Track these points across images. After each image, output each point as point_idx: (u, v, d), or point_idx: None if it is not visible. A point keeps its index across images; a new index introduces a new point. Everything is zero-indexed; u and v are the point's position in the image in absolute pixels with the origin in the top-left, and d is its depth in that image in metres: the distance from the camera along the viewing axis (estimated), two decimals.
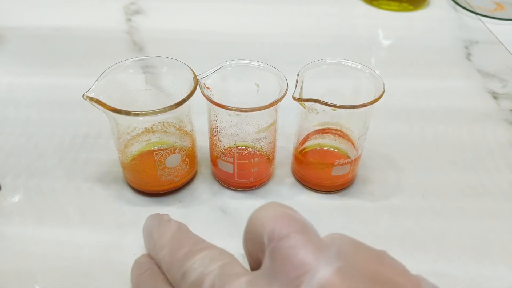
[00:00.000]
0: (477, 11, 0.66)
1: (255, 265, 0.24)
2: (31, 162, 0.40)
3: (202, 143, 0.39)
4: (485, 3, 0.69)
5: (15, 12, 0.62)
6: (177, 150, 0.35)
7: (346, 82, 0.37)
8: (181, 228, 0.27)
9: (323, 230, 0.35)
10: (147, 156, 0.36)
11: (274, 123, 0.35)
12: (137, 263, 0.28)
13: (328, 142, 0.38)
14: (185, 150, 0.36)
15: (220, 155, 0.36)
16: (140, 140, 0.36)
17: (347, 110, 0.33)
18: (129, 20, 0.61)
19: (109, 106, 0.31)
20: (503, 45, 0.59)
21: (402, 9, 0.66)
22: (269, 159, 0.37)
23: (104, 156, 0.40)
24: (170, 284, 0.25)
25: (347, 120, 0.36)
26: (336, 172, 0.36)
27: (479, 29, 0.62)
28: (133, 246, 0.33)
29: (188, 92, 0.32)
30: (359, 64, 0.35)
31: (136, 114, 0.31)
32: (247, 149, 0.36)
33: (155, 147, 0.36)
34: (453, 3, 0.68)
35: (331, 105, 0.32)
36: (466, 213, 0.36)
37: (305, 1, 0.67)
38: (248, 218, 0.23)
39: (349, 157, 0.36)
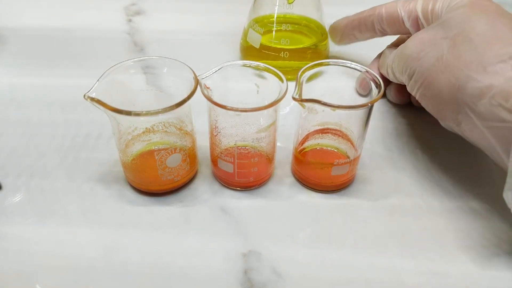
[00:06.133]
0: None
1: None
2: (32, 162, 0.40)
3: (203, 143, 0.39)
4: None
5: (15, 12, 0.63)
6: (177, 150, 0.35)
7: (346, 82, 0.37)
8: None
9: (323, 229, 0.35)
10: (148, 156, 0.36)
11: (274, 123, 0.35)
12: None
13: (327, 142, 0.38)
14: (185, 150, 0.36)
15: (220, 155, 0.36)
16: (141, 140, 0.36)
17: (347, 110, 0.33)
18: (130, 21, 0.61)
19: (110, 106, 0.32)
20: None
21: None
22: (269, 159, 0.38)
23: (105, 156, 0.40)
24: None
25: (346, 120, 0.36)
26: (335, 172, 0.36)
27: None
28: (134, 246, 0.34)
29: (189, 92, 0.33)
30: (359, 65, 0.36)
31: (137, 114, 0.31)
32: (247, 149, 0.36)
33: (156, 147, 0.36)
34: None
35: (331, 106, 0.32)
36: (465, 213, 0.37)
37: None
38: None
39: (348, 157, 0.37)
